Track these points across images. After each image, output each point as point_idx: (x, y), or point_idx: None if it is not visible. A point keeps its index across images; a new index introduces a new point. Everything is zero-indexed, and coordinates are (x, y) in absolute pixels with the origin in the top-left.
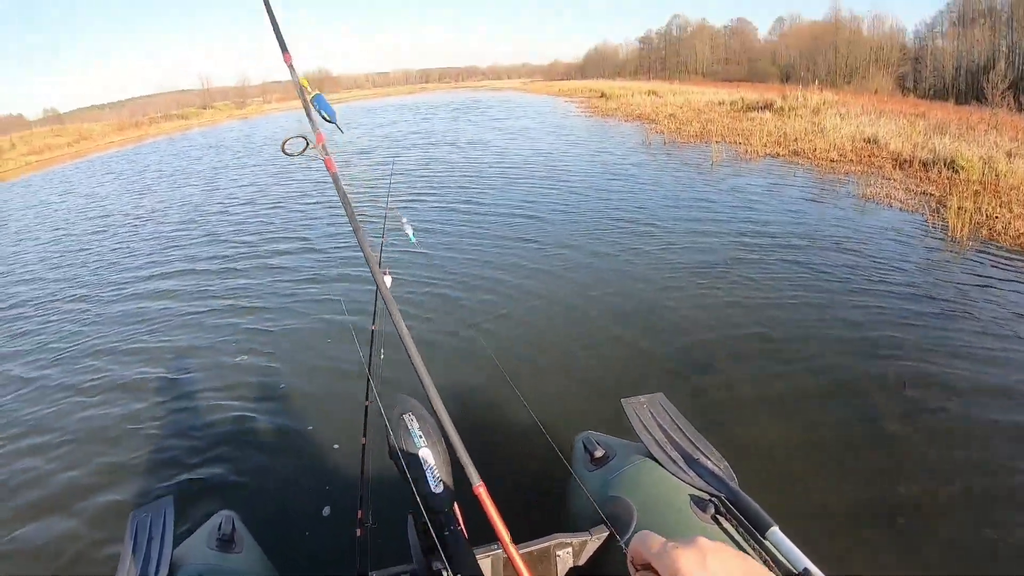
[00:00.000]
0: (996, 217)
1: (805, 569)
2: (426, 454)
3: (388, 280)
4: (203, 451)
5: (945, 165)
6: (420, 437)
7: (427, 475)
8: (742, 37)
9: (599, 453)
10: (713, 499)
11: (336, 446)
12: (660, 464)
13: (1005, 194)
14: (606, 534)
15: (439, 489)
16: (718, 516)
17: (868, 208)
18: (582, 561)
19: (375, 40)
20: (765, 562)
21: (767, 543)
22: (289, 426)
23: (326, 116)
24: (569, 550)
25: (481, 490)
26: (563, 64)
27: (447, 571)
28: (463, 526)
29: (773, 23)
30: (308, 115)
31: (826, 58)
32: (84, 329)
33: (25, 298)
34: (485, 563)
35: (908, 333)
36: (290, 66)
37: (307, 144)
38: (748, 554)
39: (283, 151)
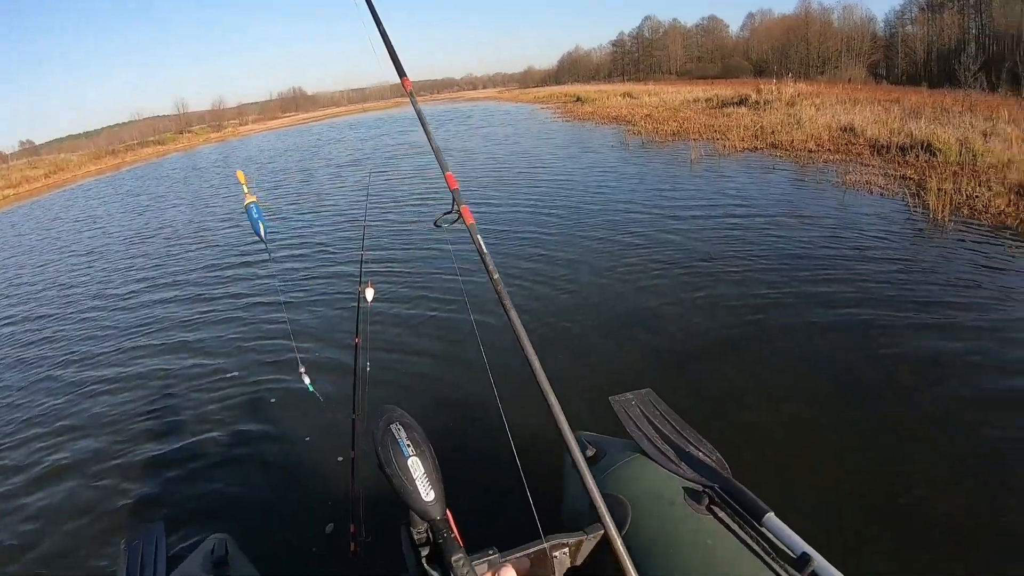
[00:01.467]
0: (976, 196)
1: (803, 554)
2: (414, 463)
3: (370, 293)
4: (192, 476)
5: (922, 148)
6: (408, 446)
7: (417, 484)
8: (714, 35)
9: (591, 452)
10: (707, 490)
11: (332, 461)
12: (652, 459)
13: (983, 173)
14: (602, 532)
15: (430, 497)
16: (713, 507)
17: (849, 195)
18: (579, 561)
19: (349, 56)
20: (763, 548)
21: (763, 530)
22: (280, 446)
23: None
24: (566, 551)
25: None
26: (538, 71)
27: None
28: (456, 532)
29: (744, 19)
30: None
31: (798, 51)
32: (68, 356)
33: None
34: (481, 568)
35: (898, 312)
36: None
37: (457, 216)
38: (744, 542)
39: (436, 225)
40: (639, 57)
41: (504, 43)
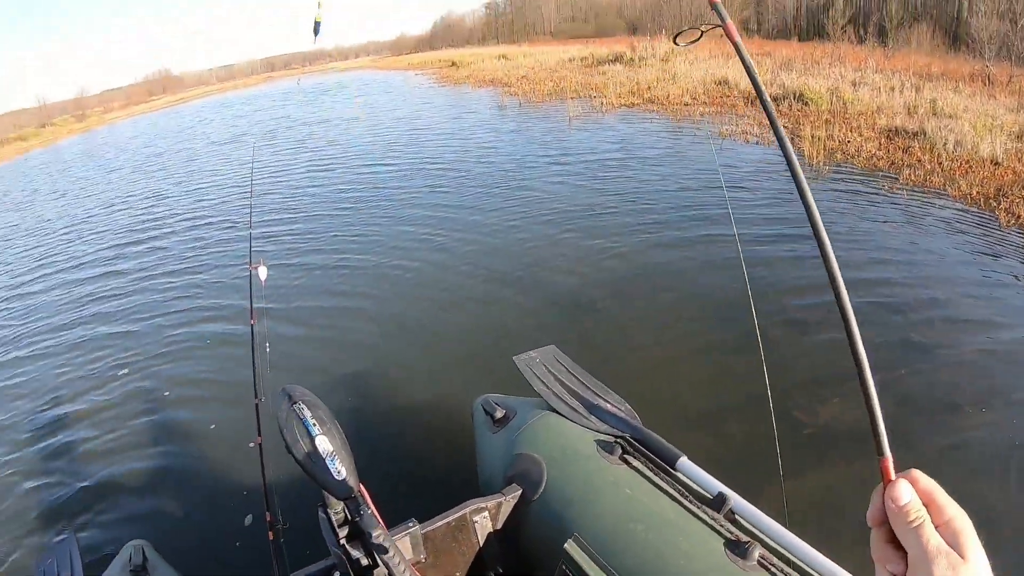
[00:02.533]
0: (848, 142)
1: (719, 493)
2: (322, 441)
3: (263, 272)
4: (99, 482)
5: (795, 98)
6: (314, 425)
7: (327, 463)
8: None
9: (499, 414)
10: (619, 440)
11: (243, 449)
12: (562, 415)
13: (854, 120)
14: (519, 492)
15: (341, 475)
16: (626, 456)
17: (726, 145)
18: (500, 524)
19: (214, 33)
20: (679, 492)
21: (678, 474)
22: (187, 441)
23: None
24: (486, 514)
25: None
26: (410, 37)
27: (366, 558)
28: (374, 508)
29: None
30: None
31: (671, 7)
32: None
33: None
34: (404, 542)
35: (774, 245)
36: None
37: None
38: (660, 487)
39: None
40: (513, 19)
41: (375, 9)
